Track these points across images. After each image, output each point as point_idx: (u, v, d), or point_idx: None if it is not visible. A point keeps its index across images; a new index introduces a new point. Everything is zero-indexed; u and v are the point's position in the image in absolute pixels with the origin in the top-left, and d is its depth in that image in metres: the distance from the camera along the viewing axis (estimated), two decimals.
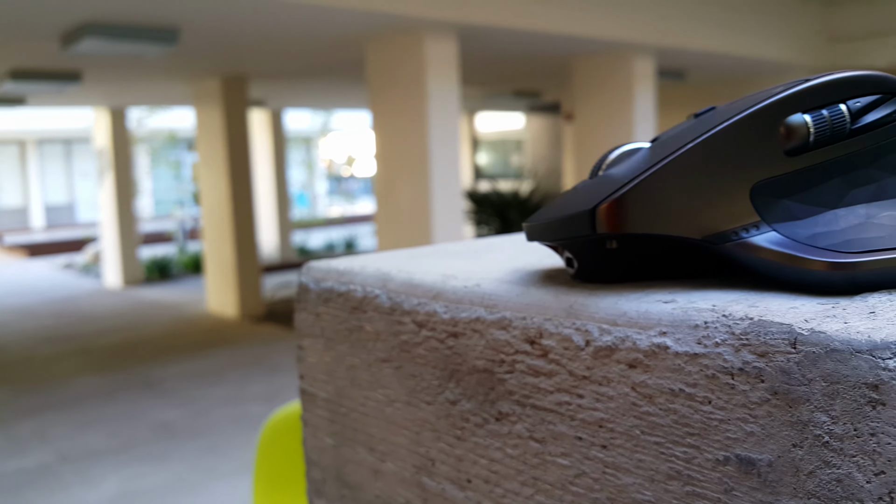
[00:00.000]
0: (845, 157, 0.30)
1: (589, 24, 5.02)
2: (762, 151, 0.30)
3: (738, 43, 5.96)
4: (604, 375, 0.30)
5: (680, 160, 0.30)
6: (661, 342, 0.28)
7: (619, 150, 0.34)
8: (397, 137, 4.87)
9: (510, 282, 0.37)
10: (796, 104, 0.30)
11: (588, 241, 0.32)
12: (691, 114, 0.35)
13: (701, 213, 0.30)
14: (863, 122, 0.30)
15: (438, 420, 0.39)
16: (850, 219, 0.30)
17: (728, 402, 0.26)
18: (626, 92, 5.74)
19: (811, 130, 0.30)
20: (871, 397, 0.23)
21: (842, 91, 0.30)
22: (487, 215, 7.25)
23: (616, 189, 0.31)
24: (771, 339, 0.25)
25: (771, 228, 0.30)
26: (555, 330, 0.32)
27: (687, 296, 0.30)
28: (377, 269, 0.44)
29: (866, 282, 0.29)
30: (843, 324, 0.25)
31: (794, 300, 0.28)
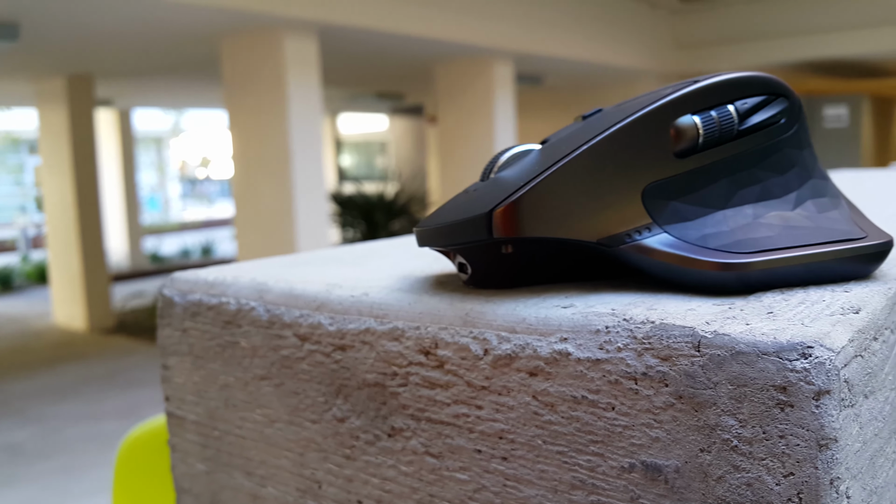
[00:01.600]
0: (732, 157, 0.31)
1: (449, 28, 5.09)
2: (653, 153, 0.30)
3: (593, 50, 6.24)
4: (503, 385, 0.29)
5: (573, 163, 0.30)
6: (562, 349, 0.27)
7: (509, 152, 0.33)
8: (257, 138, 4.72)
9: (401, 290, 0.35)
10: (686, 106, 0.30)
11: (483, 246, 0.31)
12: (579, 115, 0.34)
13: (595, 215, 0.30)
14: (749, 124, 0.31)
15: (325, 439, 0.36)
16: (738, 219, 0.30)
17: (632, 407, 0.26)
18: (487, 96, 5.86)
19: (700, 132, 0.30)
20: (780, 399, 0.23)
21: (730, 92, 0.31)
22: (353, 218, 7.18)
23: (511, 192, 0.30)
24: (674, 343, 0.25)
25: (663, 230, 0.30)
26: (451, 339, 0.31)
27: (585, 300, 0.29)
28: (252, 279, 0.41)
29: (757, 281, 0.29)
30: (745, 325, 0.25)
31: (690, 301, 0.28)
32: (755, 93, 0.31)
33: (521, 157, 0.33)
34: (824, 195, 0.33)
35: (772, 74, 0.32)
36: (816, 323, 0.24)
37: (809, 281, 0.30)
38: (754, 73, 0.31)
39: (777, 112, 0.31)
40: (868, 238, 0.30)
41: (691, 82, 0.31)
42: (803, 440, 0.22)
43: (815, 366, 0.22)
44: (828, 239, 0.30)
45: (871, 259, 0.30)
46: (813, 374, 0.22)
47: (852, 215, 0.32)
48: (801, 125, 0.32)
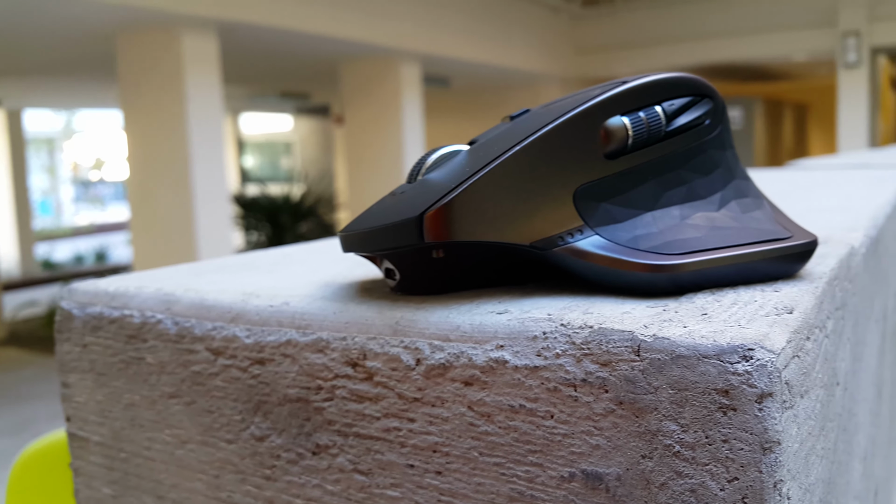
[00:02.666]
0: (660, 159, 0.31)
1: (355, 27, 5.04)
2: (583, 155, 0.29)
3: (498, 53, 6.32)
4: (437, 396, 0.28)
5: (505, 164, 0.29)
6: (498, 356, 0.26)
7: (437, 153, 0.32)
8: (154, 138, 4.54)
9: (324, 298, 0.33)
10: (615, 106, 0.30)
11: (413, 251, 0.30)
12: (507, 116, 0.34)
13: (528, 218, 0.29)
14: (676, 125, 0.31)
15: (243, 460, 0.34)
16: (667, 220, 0.30)
17: (571, 415, 0.25)
18: (395, 97, 5.85)
19: (630, 133, 0.30)
20: (722, 403, 0.22)
21: (657, 93, 0.30)
22: (257, 220, 7.01)
23: (442, 195, 0.28)
24: (613, 348, 0.24)
25: (594, 232, 0.30)
26: (380, 350, 0.29)
27: (519, 305, 0.29)
28: (158, 289, 0.38)
29: (688, 282, 0.29)
30: (682, 328, 0.24)
31: (625, 304, 0.28)
32: (681, 94, 0.31)
33: (450, 159, 0.32)
34: (747, 195, 0.33)
35: (697, 76, 0.32)
36: (753, 324, 0.24)
37: (738, 281, 0.30)
38: (681, 74, 0.31)
39: (702, 113, 0.31)
40: (793, 238, 0.31)
41: (620, 83, 0.30)
42: (747, 444, 0.22)
43: (757, 368, 0.22)
44: (754, 239, 0.30)
45: (797, 258, 0.30)
46: (755, 376, 0.22)
47: (774, 215, 0.33)
48: (724, 126, 0.33)
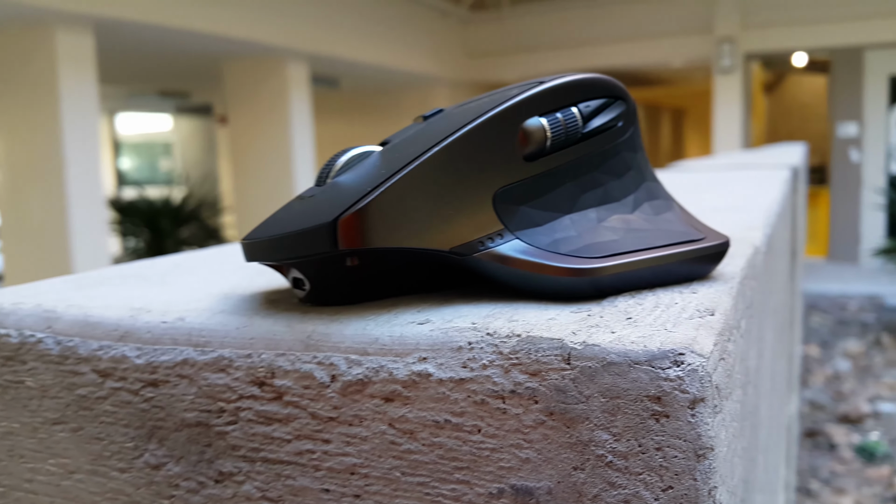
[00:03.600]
0: (577, 161, 0.30)
1: (239, 25, 4.90)
2: (502, 157, 0.29)
3: (386, 54, 6.30)
4: (355, 414, 0.26)
5: (424, 166, 0.27)
6: (421, 369, 0.25)
7: (347, 154, 0.30)
8: (25, 140, 4.25)
9: (224, 311, 0.30)
10: (533, 107, 0.29)
11: (325, 259, 0.28)
12: (419, 116, 0.32)
13: (447, 223, 0.28)
14: (592, 126, 0.30)
15: (137, 490, 0.31)
16: (584, 223, 0.30)
17: (500, 428, 0.24)
18: (282, 97, 5.72)
19: (548, 135, 0.29)
20: (655, 410, 0.22)
21: (574, 94, 0.30)
22: (135, 225, 6.68)
23: (357, 199, 0.27)
24: (543, 357, 0.23)
25: (514, 236, 0.29)
26: (290, 367, 0.27)
27: (441, 314, 0.27)
28: (37, 305, 0.34)
29: (609, 286, 0.28)
30: (611, 333, 0.24)
31: (548, 310, 0.27)
32: (596, 95, 0.31)
33: (362, 160, 0.30)
34: (658, 197, 0.33)
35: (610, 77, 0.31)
36: (679, 328, 0.24)
37: (655, 283, 0.30)
38: (596, 75, 0.31)
39: (616, 115, 0.31)
40: (706, 239, 0.31)
41: (536, 83, 0.30)
42: (681, 451, 0.22)
43: (689, 373, 0.22)
44: (670, 241, 0.30)
45: (711, 259, 0.30)
46: (687, 381, 0.22)
47: (684, 217, 0.33)
48: (635, 129, 0.33)
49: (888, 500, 2.12)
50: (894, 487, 2.19)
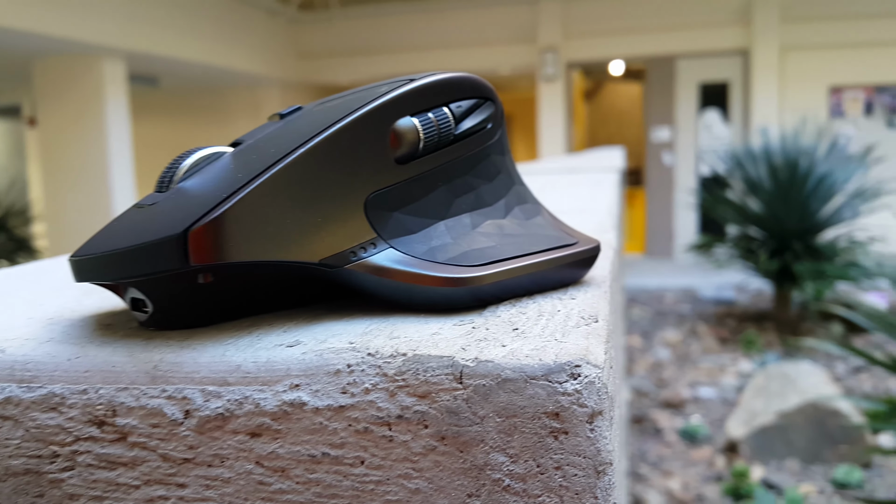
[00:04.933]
0: (449, 164, 0.29)
1: (49, 21, 4.50)
2: (373, 159, 0.26)
3: (210, 53, 6.03)
4: (215, 454, 0.23)
5: (287, 171, 0.25)
6: (294, 398, 0.22)
7: (194, 155, 0.27)
8: None
9: (52, 340, 0.26)
10: (403, 106, 0.27)
11: (172, 277, 0.24)
12: (275, 114, 0.29)
13: (315, 232, 0.25)
14: (464, 128, 0.29)
15: None
16: (459, 230, 0.28)
17: (386, 458, 0.22)
18: (96, 96, 5.31)
19: (421, 136, 0.27)
20: (553, 427, 0.21)
21: (445, 93, 0.28)
22: None
23: (210, 207, 0.23)
24: (432, 377, 0.21)
25: (388, 245, 0.27)
26: (135, 403, 0.23)
27: (312, 333, 0.25)
28: None
29: (489, 295, 0.27)
30: (501, 347, 0.22)
31: (429, 323, 0.25)
32: (467, 95, 0.29)
33: (210, 163, 0.27)
34: (527, 201, 0.32)
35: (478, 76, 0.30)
36: (569, 337, 0.23)
37: (533, 290, 0.29)
38: (466, 74, 0.29)
39: (486, 116, 0.30)
40: (580, 244, 0.30)
41: (406, 80, 0.28)
42: (581, 469, 0.21)
43: (586, 386, 0.21)
44: (545, 246, 0.29)
45: (584, 264, 0.30)
46: (585, 395, 0.20)
47: (553, 221, 0.32)
48: (503, 131, 0.32)
49: (710, 478, 2.30)
50: (715, 466, 2.38)
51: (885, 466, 2.27)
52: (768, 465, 2.37)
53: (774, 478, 2.28)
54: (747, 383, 2.93)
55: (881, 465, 2.27)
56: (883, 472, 2.24)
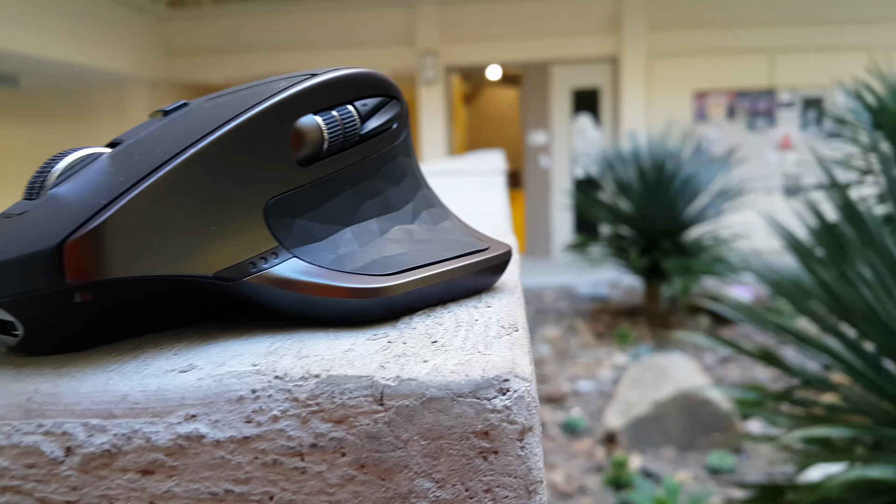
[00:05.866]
0: (355, 166, 0.27)
1: None
2: (273, 161, 0.24)
3: (73, 50, 5.68)
4: (102, 494, 0.20)
5: (175, 174, 0.22)
6: (190, 431, 0.20)
7: (67, 157, 0.24)
8: None
9: None
10: (305, 103, 0.25)
11: (47, 296, 0.21)
12: (158, 110, 0.26)
13: (209, 242, 0.23)
14: (369, 128, 0.27)
15: None
16: (367, 236, 0.27)
17: (298, 492, 0.20)
18: None
19: (325, 136, 0.25)
20: (482, 447, 0.19)
21: (350, 90, 0.26)
22: None
23: (88, 216, 0.21)
24: (350, 399, 0.20)
25: (292, 254, 0.24)
26: (6, 441, 0.20)
27: (208, 355, 0.22)
28: None
29: (402, 305, 0.25)
30: (423, 363, 0.21)
31: (339, 339, 0.23)
32: (372, 93, 0.27)
33: (87, 166, 0.24)
34: (434, 205, 0.31)
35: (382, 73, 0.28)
36: (493, 349, 0.21)
37: (446, 298, 0.27)
38: (371, 70, 0.28)
39: (392, 116, 0.28)
40: (491, 249, 0.29)
41: (308, 75, 0.26)
42: (512, 490, 0.19)
43: (516, 401, 0.19)
44: (457, 252, 0.28)
45: (497, 270, 0.29)
46: (515, 411, 0.19)
47: (462, 226, 0.31)
48: (408, 132, 0.30)
49: (591, 469, 2.37)
50: (595, 457, 2.46)
51: (754, 451, 2.41)
52: (645, 454, 2.47)
53: (652, 466, 2.38)
54: (622, 376, 3.05)
55: (751, 449, 2.42)
56: (752, 456, 2.39)
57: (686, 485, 2.21)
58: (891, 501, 1.20)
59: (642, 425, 2.55)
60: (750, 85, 6.15)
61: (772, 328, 1.46)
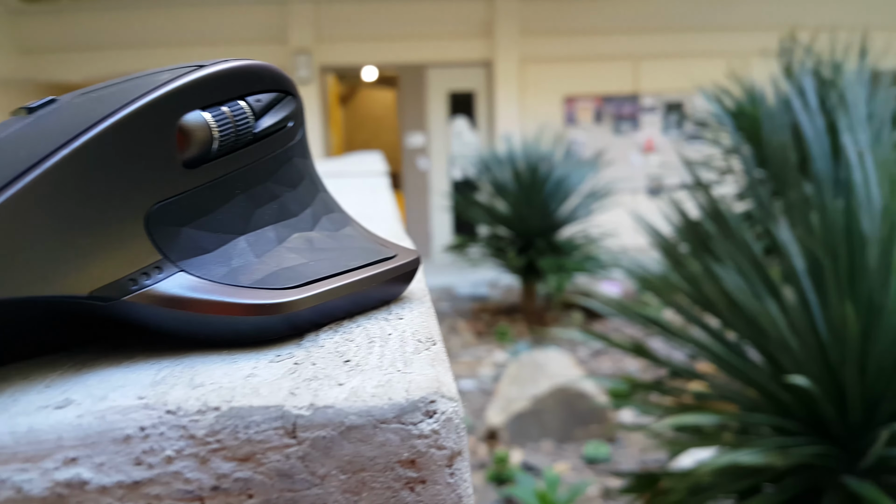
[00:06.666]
0: (248, 168, 0.24)
1: None
2: (155, 163, 0.21)
3: None
4: None
5: (42, 180, 0.19)
6: (71, 476, 0.17)
7: None
8: None
9: None
10: (192, 98, 0.22)
11: None
12: (21, 108, 0.23)
13: (83, 257, 0.20)
14: (263, 126, 0.25)
15: None
16: (263, 245, 0.24)
17: None
18: None
19: (215, 134, 0.22)
20: (409, 477, 0.17)
21: (241, 84, 0.24)
22: None
23: None
24: (256, 434, 0.17)
25: (179, 268, 0.22)
26: None
27: (84, 387, 0.19)
28: None
29: (306, 321, 0.23)
30: (338, 386, 0.19)
31: (237, 362, 0.21)
32: (266, 88, 0.25)
33: None
34: (334, 210, 0.29)
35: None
36: (413, 366, 0.20)
37: (354, 311, 0.25)
38: (264, 63, 0.25)
39: (288, 113, 0.26)
40: (399, 256, 0.27)
41: (194, 67, 0.23)
42: None
43: (444, 424, 0.18)
44: (363, 261, 0.26)
45: (406, 278, 0.27)
46: (443, 434, 0.18)
47: (365, 232, 0.29)
48: (304, 131, 0.28)
49: (474, 466, 2.40)
50: (478, 454, 2.48)
51: (627, 440, 2.52)
52: (526, 448, 2.52)
53: (532, 460, 2.43)
54: (503, 373, 3.11)
55: (624, 438, 2.52)
56: (626, 444, 2.49)
57: (565, 476, 2.27)
58: (757, 484, 1.27)
59: (522, 420, 2.60)
60: (615, 90, 6.43)
61: (640, 321, 1.52)
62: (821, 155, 1.32)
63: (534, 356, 2.96)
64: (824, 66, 2.01)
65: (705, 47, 6.27)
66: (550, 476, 2.08)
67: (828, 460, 1.16)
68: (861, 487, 1.03)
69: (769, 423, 1.27)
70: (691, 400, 1.50)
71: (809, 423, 1.23)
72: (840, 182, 1.30)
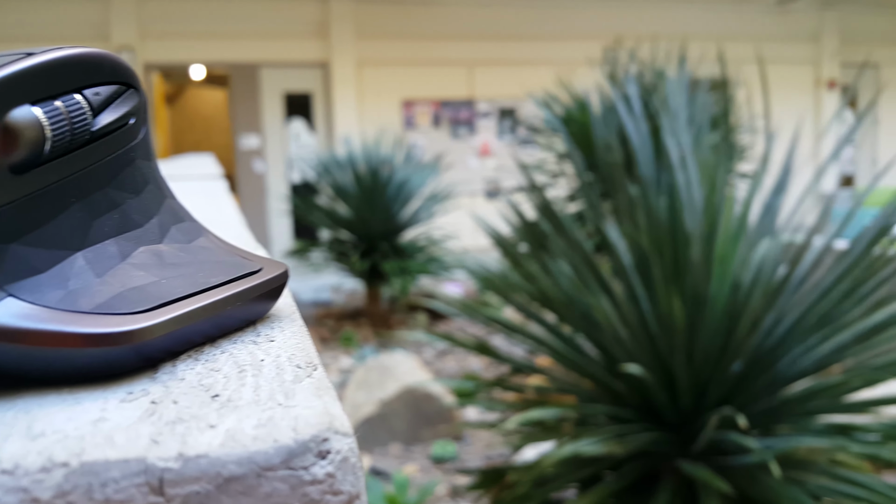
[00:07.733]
0: (84, 172, 0.21)
1: None
2: None
3: None
4: None
5: None
6: None
7: None
8: None
9: None
10: (19, 91, 0.19)
11: None
12: None
13: None
14: (102, 123, 0.21)
15: None
16: (105, 262, 0.21)
17: None
18: None
19: (48, 133, 0.19)
20: None
21: (77, 75, 0.20)
22: None
23: None
24: (116, 492, 0.14)
25: (6, 293, 0.18)
26: None
27: None
28: None
29: (160, 351, 0.20)
30: (210, 429, 0.16)
31: (81, 403, 0.17)
32: (105, 80, 0.22)
33: None
34: (184, 219, 0.26)
35: None
36: (297, 398, 0.18)
37: (215, 334, 0.22)
38: (102, 51, 0.22)
39: (130, 109, 0.23)
40: (265, 270, 0.25)
41: (22, 54, 0.19)
42: None
43: (340, 465, 0.16)
44: (224, 277, 0.23)
45: (273, 294, 0.25)
46: (339, 477, 0.16)
47: (222, 243, 0.26)
48: (147, 129, 0.25)
49: None
50: None
51: (474, 437, 2.56)
52: (374, 453, 2.50)
53: (381, 464, 2.42)
54: (349, 378, 3.07)
55: (471, 435, 2.56)
56: (472, 441, 2.53)
57: (414, 477, 2.28)
58: (598, 472, 1.33)
59: (370, 425, 2.58)
60: (452, 95, 6.55)
61: (482, 320, 1.55)
62: (645, 158, 1.40)
63: (380, 360, 2.94)
64: (647, 72, 2.15)
65: (535, 55, 6.54)
66: (399, 479, 2.07)
67: (663, 446, 1.23)
68: (694, 470, 1.10)
69: (606, 413, 1.33)
70: (533, 394, 1.54)
71: (644, 411, 1.31)
72: (664, 183, 1.39)
